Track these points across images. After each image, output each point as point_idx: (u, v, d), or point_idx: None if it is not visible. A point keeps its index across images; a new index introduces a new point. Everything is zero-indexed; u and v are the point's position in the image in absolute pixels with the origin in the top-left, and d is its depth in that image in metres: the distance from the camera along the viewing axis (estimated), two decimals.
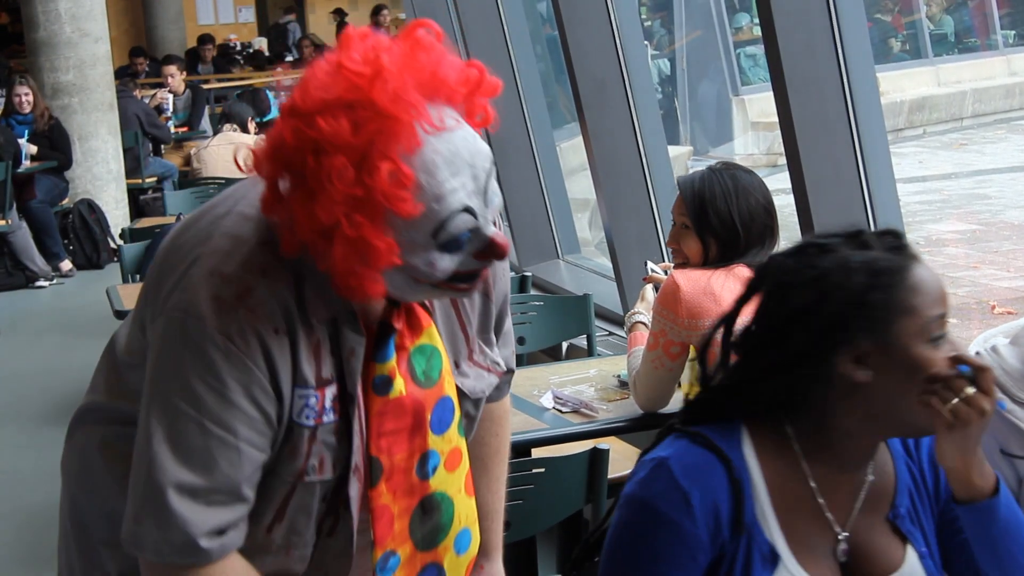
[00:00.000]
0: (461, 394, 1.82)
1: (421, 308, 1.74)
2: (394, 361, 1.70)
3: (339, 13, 19.94)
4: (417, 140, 1.51)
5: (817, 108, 3.71)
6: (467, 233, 1.58)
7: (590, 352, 4.32)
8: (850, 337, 1.58)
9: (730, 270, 2.97)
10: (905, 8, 16.24)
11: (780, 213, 3.09)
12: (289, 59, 17.67)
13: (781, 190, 4.18)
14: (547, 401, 3.33)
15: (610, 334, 5.07)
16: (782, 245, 3.06)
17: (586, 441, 3.07)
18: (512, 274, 3.59)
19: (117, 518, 1.69)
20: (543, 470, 2.75)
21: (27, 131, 8.98)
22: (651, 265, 3.45)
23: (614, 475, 2.88)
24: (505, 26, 6.66)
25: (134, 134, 10.13)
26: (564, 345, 4.87)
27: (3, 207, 8.62)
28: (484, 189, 1.59)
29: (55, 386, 6.40)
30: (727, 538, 1.62)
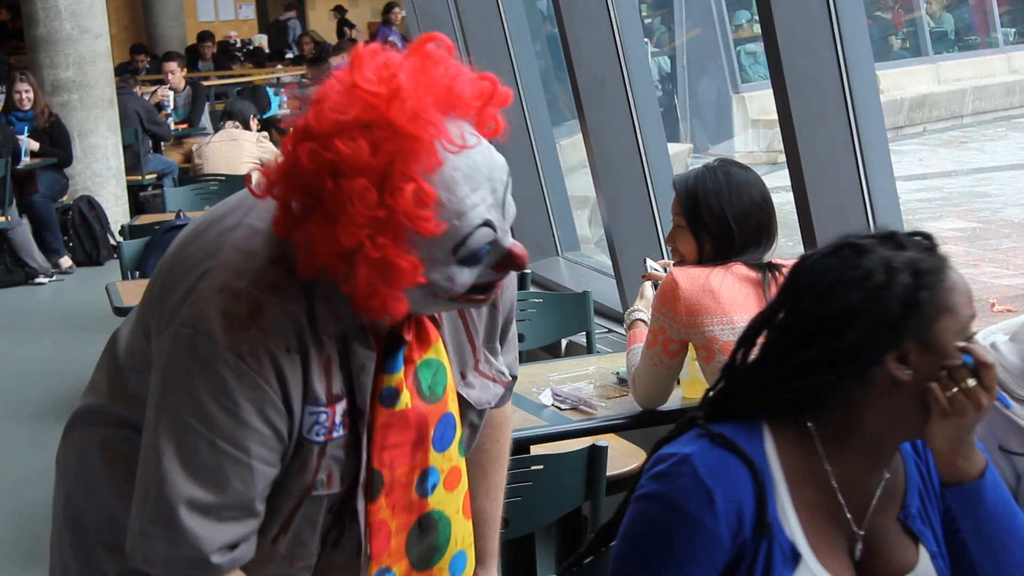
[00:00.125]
0: (466, 405, 1.80)
1: (430, 321, 1.72)
2: (402, 373, 1.68)
3: (339, 10, 19.92)
4: (438, 158, 1.50)
5: (817, 106, 3.71)
6: (486, 246, 1.57)
7: (589, 349, 4.32)
8: (899, 336, 1.59)
9: (728, 268, 2.97)
10: (905, 5, 16.24)
11: (779, 211, 3.08)
12: (289, 56, 17.69)
13: (780, 187, 4.18)
14: (546, 398, 3.33)
15: (609, 331, 5.06)
16: (780, 244, 3.07)
17: (585, 438, 3.07)
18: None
19: (117, 521, 1.69)
20: (542, 467, 2.75)
21: (27, 128, 8.98)
22: (650, 262, 3.45)
23: (613, 472, 2.89)
24: (505, 23, 6.66)
25: (134, 131, 10.12)
26: (563, 342, 4.88)
27: (2, 203, 8.61)
28: (502, 202, 1.58)
29: (54, 383, 6.39)
30: (748, 538, 1.61)
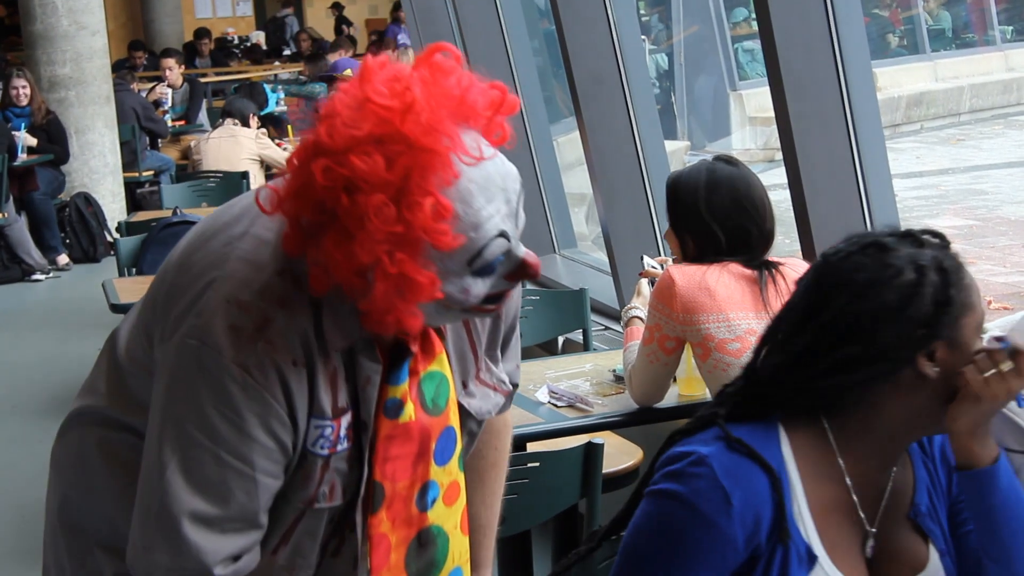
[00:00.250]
0: (466, 414, 1.79)
1: (435, 333, 1.71)
2: (407, 385, 1.67)
3: (337, 7, 19.93)
4: (454, 171, 1.48)
5: (814, 103, 3.71)
6: (501, 257, 1.55)
7: (586, 347, 4.32)
8: (933, 334, 1.59)
9: (725, 265, 2.97)
10: (903, 3, 16.24)
11: (776, 208, 3.06)
12: (287, 53, 17.67)
13: (777, 185, 4.19)
14: (542, 395, 3.34)
15: (606, 329, 5.06)
16: (777, 241, 3.06)
17: (581, 435, 3.07)
18: None
19: (115, 522, 1.69)
20: (538, 464, 2.75)
21: (24, 124, 8.97)
22: (647, 260, 3.45)
23: (609, 469, 2.89)
24: (502, 21, 6.66)
25: (131, 127, 10.11)
26: (560, 340, 4.88)
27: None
28: (516, 212, 1.56)
29: (51, 380, 6.39)
30: (763, 542, 1.61)
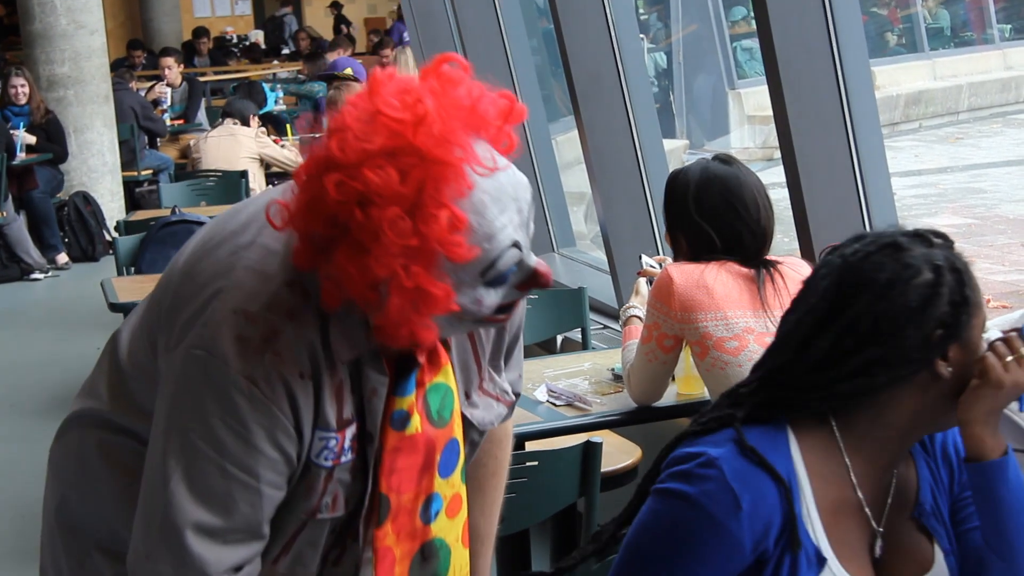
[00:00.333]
0: (469, 425, 1.78)
1: (441, 344, 1.70)
2: (414, 396, 1.66)
3: (335, 6, 19.93)
4: (468, 182, 1.47)
5: (812, 102, 3.71)
6: (513, 267, 1.55)
7: (584, 346, 4.32)
8: (953, 334, 1.60)
9: (723, 264, 2.96)
10: (901, 2, 16.24)
11: (775, 207, 3.05)
12: (285, 52, 17.67)
13: (776, 184, 4.18)
14: (541, 394, 3.34)
15: (605, 328, 5.06)
16: (775, 240, 3.06)
17: (580, 434, 3.07)
18: None
19: (115, 526, 1.69)
20: (537, 463, 2.75)
21: (23, 123, 8.97)
22: (645, 259, 3.45)
23: (607, 468, 2.89)
24: (501, 20, 6.66)
25: (130, 127, 10.11)
26: (559, 338, 4.88)
27: None
28: (527, 221, 1.56)
29: (50, 379, 6.39)
30: (771, 546, 1.60)
